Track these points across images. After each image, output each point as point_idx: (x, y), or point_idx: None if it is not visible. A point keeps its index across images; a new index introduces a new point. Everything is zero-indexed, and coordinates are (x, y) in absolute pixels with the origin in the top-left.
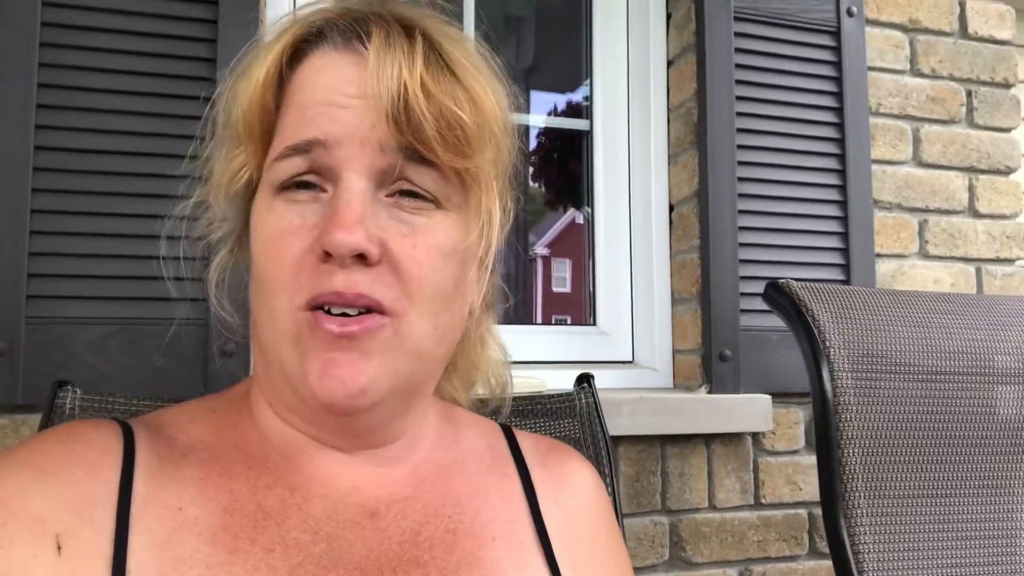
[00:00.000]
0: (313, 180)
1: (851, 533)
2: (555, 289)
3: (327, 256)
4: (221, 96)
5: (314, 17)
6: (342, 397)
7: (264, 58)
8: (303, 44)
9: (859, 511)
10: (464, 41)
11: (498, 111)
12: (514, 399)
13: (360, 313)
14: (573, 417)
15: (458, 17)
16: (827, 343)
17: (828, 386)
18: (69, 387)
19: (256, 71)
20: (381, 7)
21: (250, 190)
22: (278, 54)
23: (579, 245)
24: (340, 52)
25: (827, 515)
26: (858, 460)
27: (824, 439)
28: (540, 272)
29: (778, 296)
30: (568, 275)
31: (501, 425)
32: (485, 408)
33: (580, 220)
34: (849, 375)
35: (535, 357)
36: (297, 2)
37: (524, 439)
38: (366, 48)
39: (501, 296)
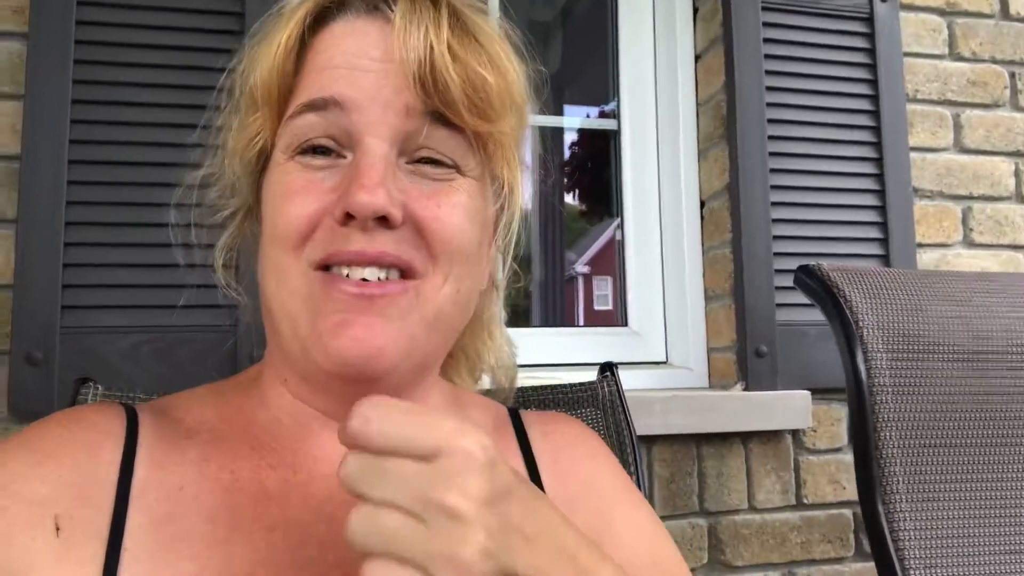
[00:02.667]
0: (330, 145)
1: (890, 520)
2: (596, 308)
3: (347, 219)
4: (239, 64)
5: None
6: (356, 357)
7: (286, 23)
8: (325, 11)
9: (898, 496)
10: (487, 13)
11: (520, 80)
12: (534, 389)
13: (382, 280)
14: (595, 407)
15: None
16: (860, 324)
17: (862, 368)
18: (91, 383)
19: (277, 36)
20: None
21: (262, 161)
22: (300, 19)
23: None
24: (363, 19)
25: (864, 501)
26: (895, 444)
27: (860, 424)
28: (581, 290)
29: (809, 279)
30: (610, 292)
31: (509, 408)
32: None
33: (619, 237)
34: (884, 356)
35: (566, 359)
36: None
37: (528, 416)
38: (392, 12)
39: (513, 277)
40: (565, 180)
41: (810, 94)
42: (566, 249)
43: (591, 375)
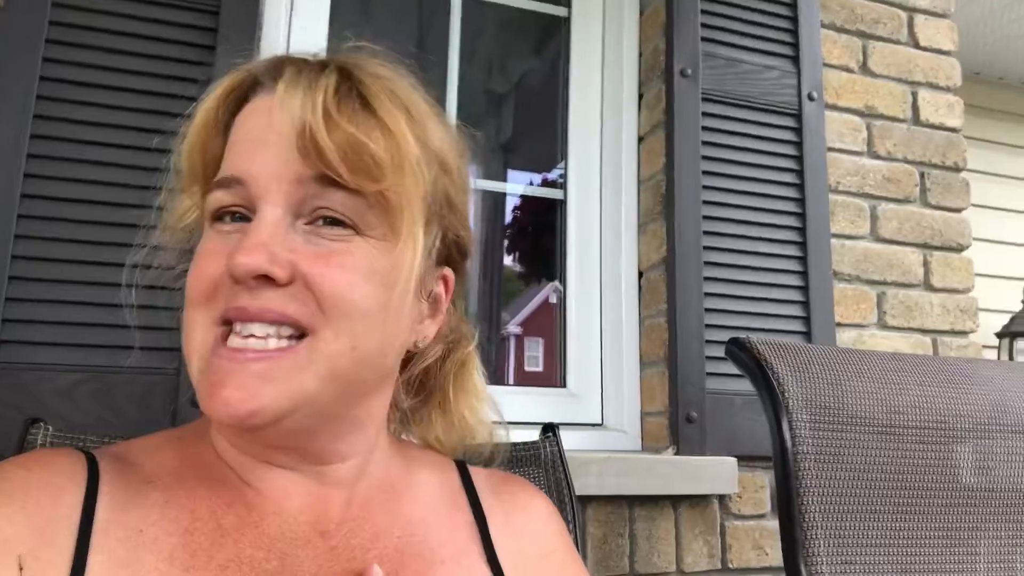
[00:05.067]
0: (242, 212)
1: None
2: (527, 368)
3: (234, 279)
4: (176, 143)
5: (253, 65)
6: (229, 417)
7: (209, 102)
8: (247, 90)
9: (819, 559)
10: (395, 80)
11: (414, 140)
12: (478, 446)
13: (270, 335)
14: (538, 466)
15: (441, 91)
16: (787, 395)
17: (787, 436)
18: (41, 424)
19: (200, 115)
20: (321, 56)
21: (198, 232)
22: (219, 96)
23: (552, 324)
24: (271, 96)
25: (788, 562)
26: (817, 509)
27: (784, 489)
28: (512, 350)
29: (740, 351)
30: (540, 354)
31: (456, 461)
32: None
33: (554, 299)
34: (808, 426)
35: (505, 417)
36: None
37: (477, 473)
38: (266, 81)
39: (469, 334)
40: (506, 242)
41: (743, 180)
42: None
43: (530, 434)
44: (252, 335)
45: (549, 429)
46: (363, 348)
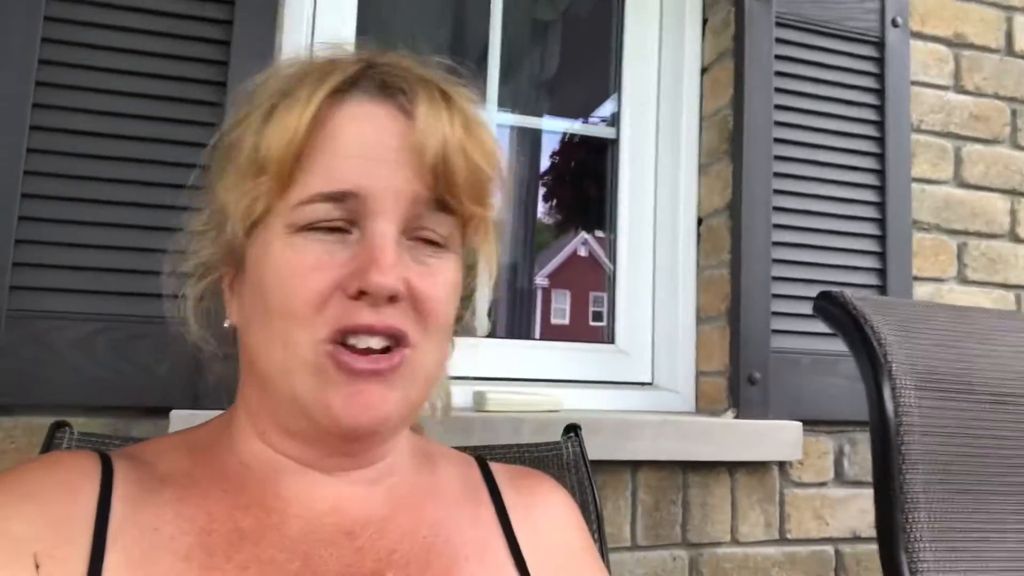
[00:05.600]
0: (342, 225)
1: (913, 571)
2: (554, 321)
3: (359, 294)
4: (238, 126)
5: (350, 68)
6: (367, 422)
7: (305, 102)
8: (339, 88)
9: (922, 545)
10: (476, 100)
11: (499, 169)
12: (498, 447)
13: (384, 347)
14: (560, 467)
15: (483, 22)
16: (889, 358)
17: (890, 405)
18: (67, 427)
19: (292, 116)
20: (407, 63)
21: (249, 225)
22: (320, 100)
23: (580, 277)
24: (376, 103)
25: (884, 550)
26: (921, 489)
27: (884, 464)
28: (540, 303)
29: (833, 307)
30: (567, 307)
31: (476, 457)
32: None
33: (583, 252)
34: (913, 394)
35: (548, 375)
36: (314, 36)
37: (497, 468)
38: (408, 104)
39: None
40: (542, 190)
41: (818, 116)
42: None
43: (576, 391)
44: (370, 347)
45: (571, 429)
46: (444, 354)
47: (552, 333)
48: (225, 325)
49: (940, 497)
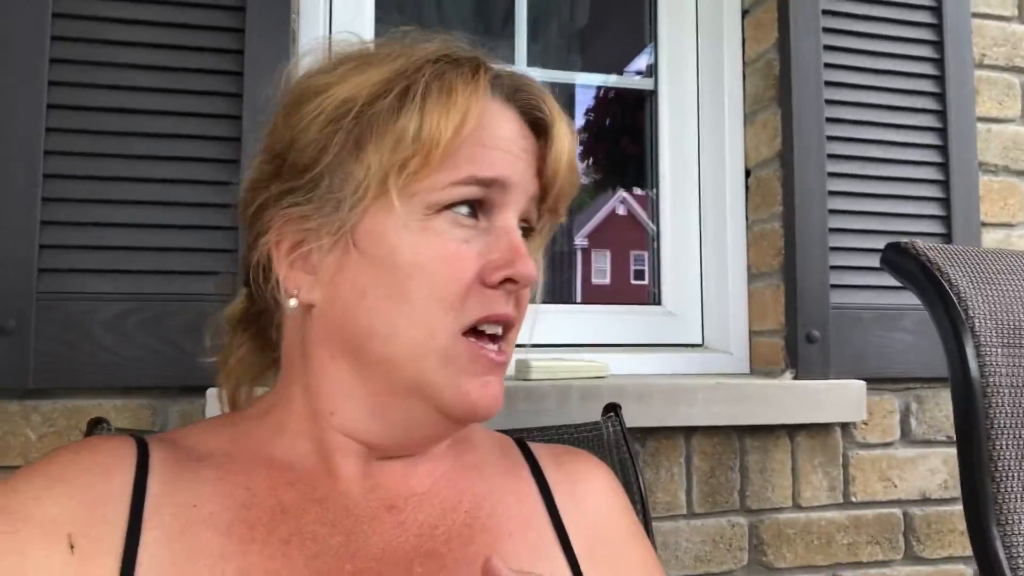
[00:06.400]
0: (473, 215)
1: (1007, 544)
2: (595, 281)
3: (500, 284)
4: (377, 100)
5: (488, 63)
6: (488, 410)
7: (471, 92)
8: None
9: (1015, 516)
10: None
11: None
12: (538, 429)
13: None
14: (600, 447)
15: None
16: (970, 313)
17: (974, 364)
18: (104, 424)
19: (461, 101)
20: (526, 76)
21: (365, 196)
22: (487, 94)
23: (619, 236)
24: (506, 105)
25: (973, 523)
26: (1013, 454)
27: (969, 429)
28: (580, 265)
29: (902, 259)
30: (607, 267)
31: (514, 439)
32: None
33: (622, 211)
34: (999, 351)
35: (595, 339)
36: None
37: (537, 446)
38: (543, 116)
39: None
40: (579, 149)
41: (871, 55)
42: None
43: (624, 356)
44: (496, 334)
45: (611, 409)
46: None
47: (594, 294)
48: (292, 304)
49: None
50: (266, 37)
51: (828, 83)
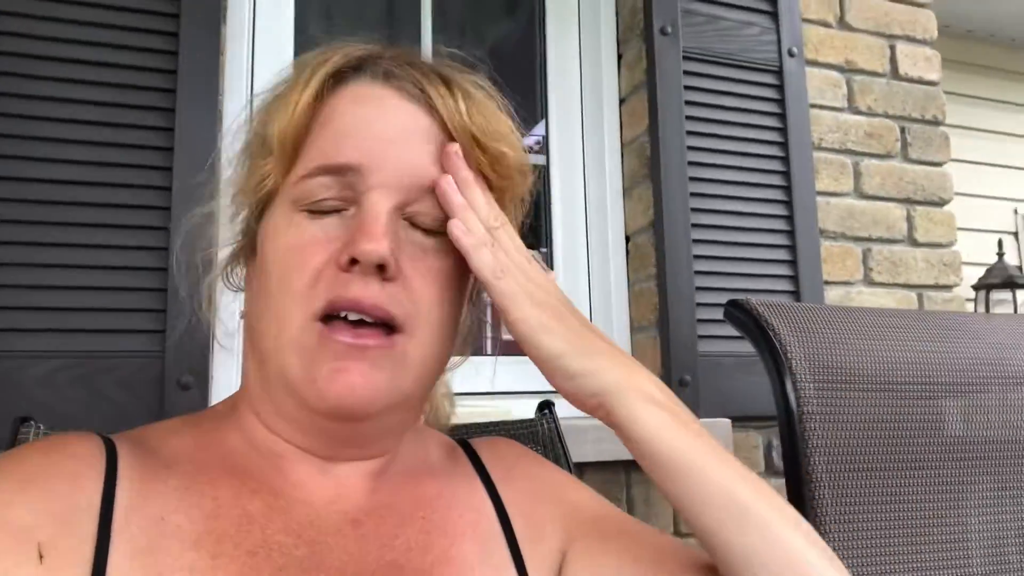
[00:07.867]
0: (339, 205)
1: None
2: (504, 336)
3: (349, 265)
4: (251, 119)
5: (355, 52)
6: (350, 400)
7: (306, 83)
8: (342, 71)
9: (827, 518)
10: (485, 86)
11: (517, 149)
12: (476, 425)
13: (374, 324)
14: (535, 443)
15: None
16: (789, 356)
17: (793, 398)
18: (32, 423)
19: (295, 94)
20: (414, 52)
21: (259, 208)
22: (321, 79)
23: None
24: (379, 85)
25: None
26: (824, 469)
27: (791, 450)
28: (490, 317)
29: (740, 313)
30: None
31: (457, 440)
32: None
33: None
34: (812, 387)
35: (496, 388)
36: (255, 37)
37: (478, 444)
38: (415, 88)
39: (476, 329)
40: None
41: (727, 140)
42: None
43: (523, 401)
44: (362, 320)
45: (545, 406)
46: (440, 353)
47: (504, 347)
48: (239, 318)
49: (840, 476)
50: (195, 116)
51: (691, 163)
